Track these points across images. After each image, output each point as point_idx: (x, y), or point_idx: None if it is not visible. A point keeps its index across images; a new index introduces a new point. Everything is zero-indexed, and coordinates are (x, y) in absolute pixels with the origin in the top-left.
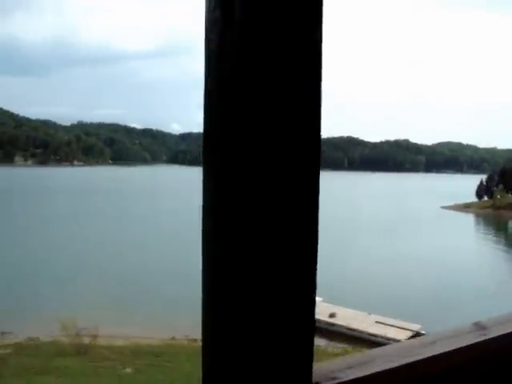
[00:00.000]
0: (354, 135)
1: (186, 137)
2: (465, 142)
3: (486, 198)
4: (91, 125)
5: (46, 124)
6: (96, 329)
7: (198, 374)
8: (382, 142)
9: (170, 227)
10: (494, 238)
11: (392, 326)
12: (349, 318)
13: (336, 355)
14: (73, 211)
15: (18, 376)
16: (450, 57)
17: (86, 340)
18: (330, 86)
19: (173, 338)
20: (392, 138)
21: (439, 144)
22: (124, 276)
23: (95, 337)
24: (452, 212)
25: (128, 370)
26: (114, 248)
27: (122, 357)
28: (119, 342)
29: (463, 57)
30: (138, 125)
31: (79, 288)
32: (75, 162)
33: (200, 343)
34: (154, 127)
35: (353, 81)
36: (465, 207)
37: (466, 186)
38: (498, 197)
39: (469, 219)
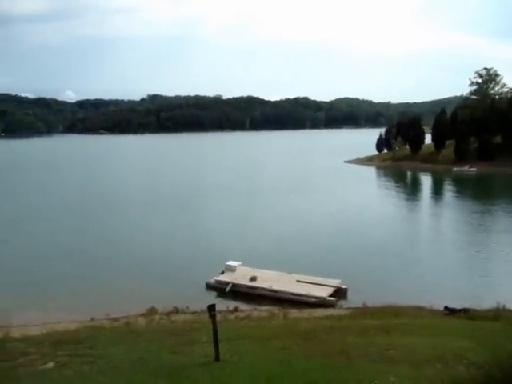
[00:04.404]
0: (255, 94)
1: (82, 104)
2: (361, 97)
3: (385, 151)
4: None
5: None
6: (8, 319)
7: (127, 357)
8: (282, 101)
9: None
10: (396, 187)
11: (313, 283)
12: (270, 279)
13: (263, 319)
14: None
15: None
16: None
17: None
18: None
19: (92, 320)
20: (292, 95)
21: (337, 100)
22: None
23: (8, 328)
24: (355, 166)
25: (50, 364)
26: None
27: (41, 349)
28: (34, 331)
29: (357, 12)
30: (29, 94)
31: None
32: None
33: (121, 321)
34: (47, 96)
35: (246, 37)
36: (367, 160)
37: (365, 139)
38: (397, 149)
39: (371, 171)
